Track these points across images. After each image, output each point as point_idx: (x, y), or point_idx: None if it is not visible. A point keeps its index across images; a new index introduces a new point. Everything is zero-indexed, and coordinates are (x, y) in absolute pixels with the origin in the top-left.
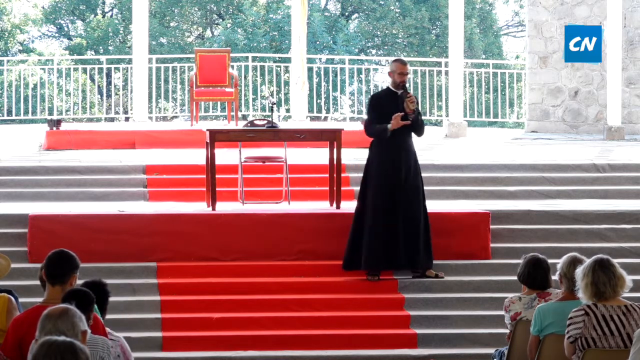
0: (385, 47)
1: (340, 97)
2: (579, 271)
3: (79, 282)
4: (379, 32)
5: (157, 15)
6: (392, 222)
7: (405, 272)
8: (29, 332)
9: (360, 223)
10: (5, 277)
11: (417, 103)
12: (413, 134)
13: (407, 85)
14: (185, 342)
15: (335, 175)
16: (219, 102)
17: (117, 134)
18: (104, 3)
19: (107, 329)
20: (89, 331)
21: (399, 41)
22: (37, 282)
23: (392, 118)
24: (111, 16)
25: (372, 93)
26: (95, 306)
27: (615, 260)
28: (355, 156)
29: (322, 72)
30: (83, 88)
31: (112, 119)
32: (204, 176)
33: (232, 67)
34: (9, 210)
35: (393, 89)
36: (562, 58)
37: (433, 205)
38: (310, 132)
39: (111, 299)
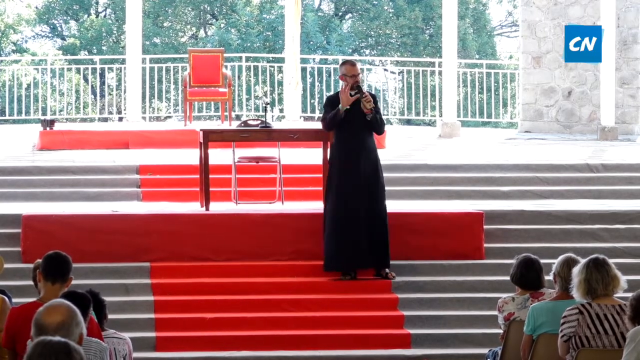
0: (379, 47)
1: None
2: (575, 269)
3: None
4: (372, 32)
5: (150, 15)
6: (355, 222)
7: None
8: (23, 327)
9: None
10: None
11: (375, 102)
12: (374, 134)
13: (362, 85)
14: (178, 342)
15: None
16: (212, 102)
17: (111, 134)
18: (97, 3)
19: (112, 330)
20: (85, 333)
21: (392, 41)
22: (31, 282)
23: (340, 92)
24: (104, 16)
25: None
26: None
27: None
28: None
29: (315, 72)
30: (76, 88)
31: (105, 119)
32: (198, 176)
33: (226, 67)
34: (2, 210)
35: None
36: (556, 58)
37: (426, 206)
38: (304, 132)
39: (104, 299)
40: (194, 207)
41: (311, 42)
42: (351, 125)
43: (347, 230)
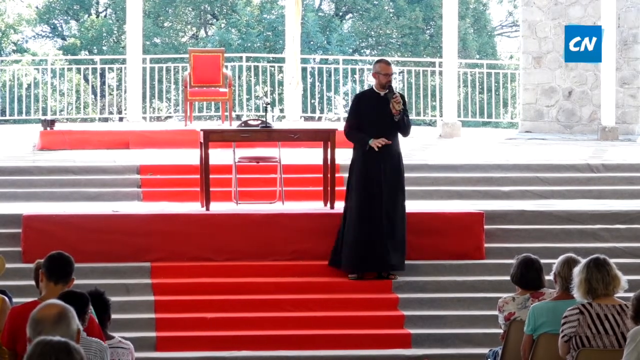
0: (379, 47)
1: (334, 97)
2: (576, 269)
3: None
4: (373, 32)
5: (151, 15)
6: (375, 223)
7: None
8: (24, 327)
9: (345, 223)
10: None
11: (404, 103)
12: (399, 134)
13: (394, 86)
14: (179, 342)
15: (329, 175)
16: (213, 102)
17: (111, 134)
18: (97, 3)
19: (119, 338)
20: (82, 329)
21: (392, 41)
22: (31, 282)
23: (378, 141)
24: (105, 16)
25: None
26: (92, 308)
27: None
28: (350, 156)
29: (316, 72)
30: (77, 88)
31: (106, 119)
32: (198, 176)
33: (226, 67)
34: (2, 210)
35: (377, 90)
36: (556, 58)
37: (427, 206)
38: (304, 132)
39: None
40: (194, 207)
41: (311, 42)
42: (377, 127)
43: (364, 231)
